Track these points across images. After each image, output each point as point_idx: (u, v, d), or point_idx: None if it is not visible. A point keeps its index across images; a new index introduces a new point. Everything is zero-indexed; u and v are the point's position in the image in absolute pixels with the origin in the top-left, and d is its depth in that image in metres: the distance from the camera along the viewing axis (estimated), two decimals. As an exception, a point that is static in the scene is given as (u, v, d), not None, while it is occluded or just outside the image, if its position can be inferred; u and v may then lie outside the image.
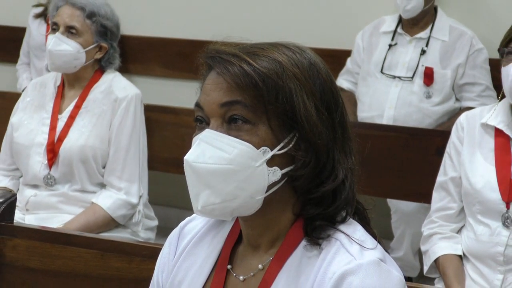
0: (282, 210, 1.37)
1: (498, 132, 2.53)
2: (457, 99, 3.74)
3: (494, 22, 3.77)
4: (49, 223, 2.80)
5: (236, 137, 1.31)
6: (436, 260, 2.56)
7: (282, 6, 4.24)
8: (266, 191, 1.32)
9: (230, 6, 4.32)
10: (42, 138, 2.95)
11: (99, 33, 2.95)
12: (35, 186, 2.97)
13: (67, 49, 2.89)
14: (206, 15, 4.36)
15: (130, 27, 4.38)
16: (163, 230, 2.20)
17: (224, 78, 1.32)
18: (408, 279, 3.53)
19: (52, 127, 2.95)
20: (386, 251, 1.37)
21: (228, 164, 1.30)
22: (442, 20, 3.80)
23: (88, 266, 1.89)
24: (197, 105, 1.36)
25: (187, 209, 1.34)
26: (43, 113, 3.00)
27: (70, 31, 2.91)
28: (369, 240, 1.35)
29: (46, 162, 2.93)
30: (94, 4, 2.96)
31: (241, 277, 1.40)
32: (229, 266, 1.42)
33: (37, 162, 2.94)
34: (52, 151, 2.93)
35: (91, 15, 2.93)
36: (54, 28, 2.93)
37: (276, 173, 1.32)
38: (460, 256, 2.54)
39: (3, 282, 1.96)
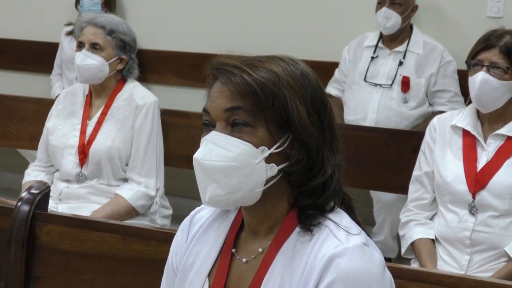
0: (278, 201, 1.36)
1: (466, 133, 2.52)
2: (430, 104, 3.73)
3: (461, 38, 3.76)
4: (79, 211, 2.80)
5: (238, 138, 1.31)
6: (412, 243, 2.56)
7: (278, 24, 4.23)
8: (265, 185, 1.32)
9: (233, 25, 4.32)
10: (74, 141, 2.95)
11: (119, 47, 2.95)
12: (67, 181, 2.96)
13: (92, 63, 2.89)
14: (212, 32, 4.36)
15: (148, 42, 4.40)
16: (177, 218, 2.19)
17: (227, 87, 1.32)
18: (387, 259, 3.52)
19: (82, 132, 2.95)
20: (369, 236, 1.36)
21: (231, 161, 1.30)
22: (417, 36, 3.80)
23: (112, 249, 1.89)
24: (205, 110, 1.36)
25: (197, 199, 1.34)
26: (74, 119, 2.99)
27: (94, 47, 2.91)
28: (354, 227, 1.34)
29: (77, 161, 2.93)
30: (112, 22, 2.95)
31: (244, 260, 1.39)
32: (233, 250, 1.41)
33: (70, 161, 2.94)
34: (83, 152, 2.92)
35: (111, 32, 2.92)
36: (80, 46, 2.93)
37: (273, 169, 1.32)
38: (432, 240, 2.54)
39: (39, 262, 1.96)
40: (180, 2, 4.46)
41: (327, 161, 1.34)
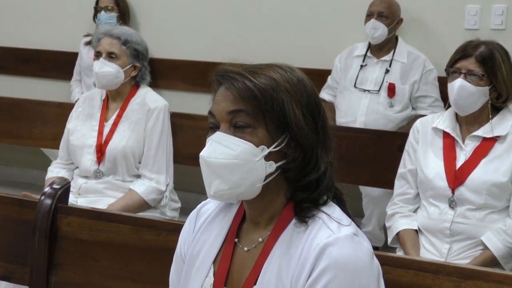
0: (276, 195, 1.36)
1: (446, 134, 2.52)
2: (413, 108, 3.72)
3: (441, 48, 3.76)
4: (96, 204, 2.80)
5: (240, 138, 1.30)
6: (397, 234, 2.55)
7: (276, 36, 4.23)
8: (264, 180, 1.32)
9: (236, 36, 4.31)
10: (92, 141, 2.94)
11: (133, 55, 2.94)
12: (86, 177, 2.96)
13: (109, 70, 2.89)
14: (217, 42, 4.35)
15: (159, 52, 4.40)
16: (185, 210, 2.19)
17: (230, 92, 1.32)
18: (375, 248, 3.50)
19: (100, 132, 2.95)
20: (358, 226, 1.36)
21: (234, 159, 1.29)
22: (402, 46, 3.79)
23: (126, 238, 1.88)
24: (210, 113, 1.36)
25: (203, 194, 1.33)
26: (92, 121, 2.99)
27: (111, 56, 2.90)
28: (345, 218, 1.34)
29: (95, 159, 2.92)
30: (127, 33, 2.95)
31: (245, 248, 1.39)
32: (236, 240, 1.41)
33: (88, 159, 2.93)
34: (100, 151, 2.92)
35: (125, 42, 2.92)
36: (97, 55, 2.93)
37: (272, 166, 1.32)
38: (416, 231, 2.53)
39: (60, 250, 1.95)
40: (188, 16, 4.45)
41: (321, 159, 1.34)
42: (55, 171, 3.03)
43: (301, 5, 4.19)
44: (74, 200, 2.88)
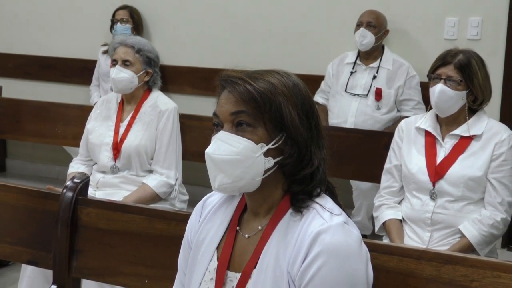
0: (274, 187, 1.35)
1: (427, 133, 2.52)
2: (398, 110, 3.72)
3: (423, 56, 3.76)
4: (112, 197, 2.79)
5: (241, 136, 1.30)
6: (383, 223, 2.55)
7: (275, 45, 4.22)
8: (263, 174, 1.31)
9: (238, 45, 4.31)
10: (109, 139, 2.94)
11: (145, 62, 2.93)
12: (103, 172, 2.96)
13: (124, 76, 2.88)
14: (220, 51, 4.35)
15: (169, 59, 4.40)
16: (192, 202, 2.18)
17: (233, 95, 1.32)
18: (364, 236, 3.48)
19: (116, 132, 2.94)
20: (349, 216, 1.35)
21: (236, 155, 1.29)
22: (387, 54, 3.79)
23: (139, 227, 1.88)
24: (214, 114, 1.35)
25: (208, 187, 1.33)
26: (109, 122, 2.98)
27: (125, 63, 2.89)
28: (336, 209, 1.34)
29: (112, 156, 2.91)
30: (140, 43, 2.94)
31: (246, 235, 1.39)
32: (237, 228, 1.41)
33: (106, 156, 2.93)
34: (116, 149, 2.91)
35: (139, 51, 2.91)
36: (114, 63, 2.92)
37: (270, 162, 1.31)
38: (400, 220, 2.53)
39: (80, 238, 1.95)
40: (194, 28, 4.45)
41: (314, 155, 1.34)
42: (76, 166, 3.03)
43: (297, 18, 4.18)
44: (93, 193, 2.87)
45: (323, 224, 1.28)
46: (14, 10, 4.95)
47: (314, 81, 3.88)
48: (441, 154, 2.47)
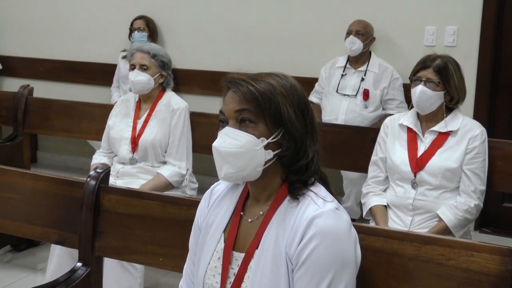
0: (274, 177, 1.35)
1: (409, 129, 2.51)
2: (383, 109, 3.71)
3: (405, 61, 3.74)
4: (131, 185, 2.79)
5: (244, 131, 1.30)
6: (370, 209, 2.55)
7: (274, 50, 4.21)
8: (264, 165, 1.31)
9: (241, 51, 4.29)
10: (128, 134, 2.93)
11: (160, 66, 2.93)
12: (123, 163, 2.95)
13: (142, 79, 2.88)
14: (226, 56, 4.34)
15: (180, 63, 4.39)
16: (201, 190, 2.18)
17: (237, 95, 1.31)
18: (353, 220, 3.47)
19: (134, 128, 2.93)
20: (339, 203, 1.35)
21: (239, 148, 1.29)
22: (374, 59, 3.78)
23: (154, 212, 1.87)
24: (220, 111, 1.35)
25: (215, 177, 1.33)
26: (128, 119, 2.98)
27: (143, 67, 2.89)
28: (329, 196, 1.33)
29: (130, 149, 2.91)
30: (155, 49, 2.93)
31: (249, 220, 1.38)
32: (241, 213, 1.40)
33: (125, 149, 2.92)
34: (134, 143, 2.91)
35: (154, 56, 2.90)
36: (132, 67, 2.92)
37: (270, 154, 1.31)
38: (385, 206, 2.53)
39: (102, 221, 1.95)
40: (203, 36, 4.44)
41: (309, 148, 1.33)
42: (98, 158, 3.03)
43: (294, 27, 4.17)
44: (113, 181, 2.87)
45: (317, 210, 1.28)
46: (46, 21, 4.96)
47: (309, 83, 3.87)
48: (422, 148, 2.46)
